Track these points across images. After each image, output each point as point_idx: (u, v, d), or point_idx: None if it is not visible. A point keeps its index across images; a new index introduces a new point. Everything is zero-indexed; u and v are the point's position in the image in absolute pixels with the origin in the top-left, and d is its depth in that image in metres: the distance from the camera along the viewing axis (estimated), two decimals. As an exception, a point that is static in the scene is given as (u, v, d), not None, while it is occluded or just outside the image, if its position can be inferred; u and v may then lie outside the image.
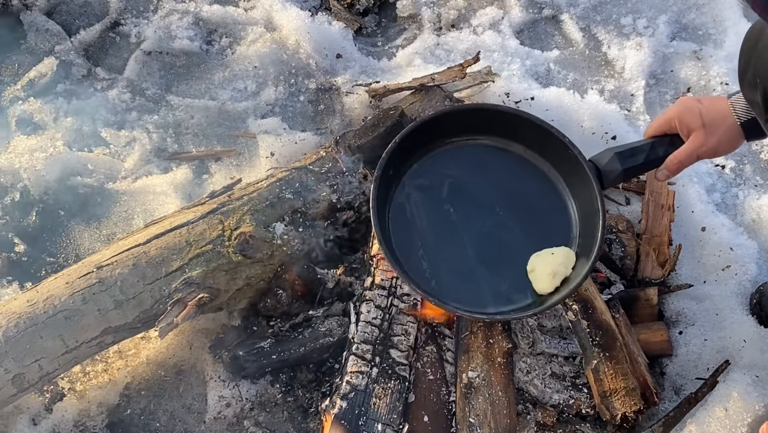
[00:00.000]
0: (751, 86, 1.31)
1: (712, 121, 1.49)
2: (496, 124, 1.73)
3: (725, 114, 1.47)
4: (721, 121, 1.48)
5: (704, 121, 1.49)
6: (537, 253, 1.64)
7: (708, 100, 1.51)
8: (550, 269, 1.60)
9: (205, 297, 1.65)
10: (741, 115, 1.46)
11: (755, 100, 1.32)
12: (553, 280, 1.59)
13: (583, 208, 1.68)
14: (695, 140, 1.51)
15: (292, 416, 1.74)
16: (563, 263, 1.61)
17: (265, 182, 1.80)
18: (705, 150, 1.51)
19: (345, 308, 1.78)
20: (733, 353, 1.78)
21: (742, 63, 1.34)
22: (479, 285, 1.64)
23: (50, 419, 1.72)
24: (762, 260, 1.95)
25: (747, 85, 1.34)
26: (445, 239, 1.67)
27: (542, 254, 1.63)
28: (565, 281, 1.60)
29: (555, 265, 1.60)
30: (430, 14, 2.40)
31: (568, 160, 1.67)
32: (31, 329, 1.58)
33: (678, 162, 1.54)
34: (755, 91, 1.31)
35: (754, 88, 1.31)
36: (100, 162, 2.10)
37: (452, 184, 1.72)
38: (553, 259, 1.61)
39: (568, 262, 1.61)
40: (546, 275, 1.60)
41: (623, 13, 2.40)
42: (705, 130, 1.49)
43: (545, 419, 1.68)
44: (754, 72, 1.30)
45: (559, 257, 1.61)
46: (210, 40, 2.34)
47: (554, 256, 1.62)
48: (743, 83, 1.35)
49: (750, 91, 1.33)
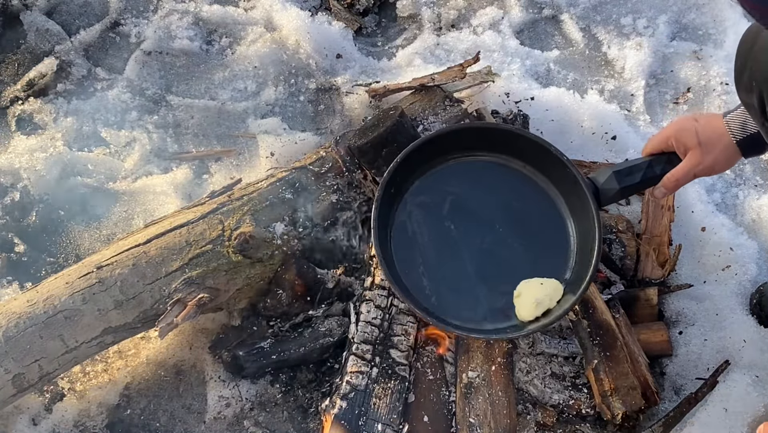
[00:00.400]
0: (747, 89, 1.31)
1: (708, 140, 1.49)
2: (496, 141, 1.75)
3: (721, 133, 1.48)
4: (717, 140, 1.49)
5: (700, 140, 1.50)
6: (527, 280, 1.65)
7: (704, 119, 1.52)
8: (536, 298, 1.61)
9: (205, 297, 1.65)
10: (736, 134, 1.47)
11: (751, 103, 1.32)
12: (536, 309, 1.60)
13: (581, 225, 1.70)
14: (692, 159, 1.52)
15: (292, 416, 1.74)
16: (549, 294, 1.61)
17: (265, 182, 1.80)
18: (701, 168, 1.52)
19: (345, 308, 1.78)
20: (733, 353, 1.78)
21: (738, 66, 1.34)
22: (478, 301, 1.66)
23: (50, 419, 1.72)
24: (762, 260, 1.95)
25: (743, 89, 1.33)
26: (445, 255, 1.69)
27: (532, 282, 1.64)
28: (547, 312, 1.61)
29: (541, 295, 1.61)
30: (430, 14, 2.40)
31: (566, 177, 1.69)
32: (31, 329, 1.58)
33: (675, 180, 1.56)
34: (751, 95, 1.31)
35: (750, 92, 1.31)
36: (100, 162, 2.10)
37: (453, 201, 1.74)
38: (541, 289, 1.62)
39: (555, 295, 1.62)
40: (530, 303, 1.61)
41: (623, 13, 2.40)
42: (701, 149, 1.50)
43: (545, 419, 1.68)
44: (750, 75, 1.30)
45: (547, 288, 1.62)
46: (210, 40, 2.34)
47: (543, 286, 1.63)
48: (739, 86, 1.35)
49: (746, 94, 1.33)
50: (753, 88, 1.29)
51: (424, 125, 1.90)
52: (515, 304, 1.63)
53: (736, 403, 1.69)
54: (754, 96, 1.30)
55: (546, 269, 1.69)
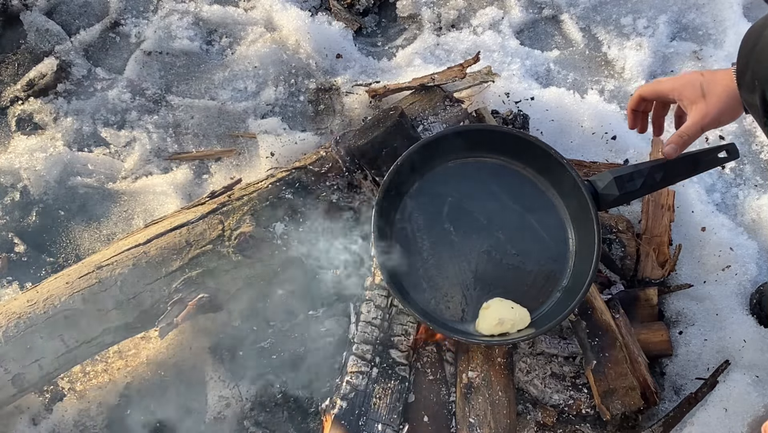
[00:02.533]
0: (750, 89, 1.31)
1: (713, 92, 1.48)
2: (496, 143, 1.76)
3: (726, 83, 1.47)
4: (722, 91, 1.47)
5: (705, 92, 1.49)
6: (501, 299, 1.65)
7: (709, 73, 1.51)
8: (500, 317, 1.61)
9: (205, 297, 1.65)
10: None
11: (754, 102, 1.32)
12: (496, 327, 1.61)
13: (581, 228, 1.70)
14: (698, 112, 1.50)
15: (292, 416, 1.74)
16: (514, 320, 1.62)
17: (265, 182, 1.80)
18: (708, 121, 1.50)
19: (345, 308, 1.78)
20: (733, 353, 1.79)
21: (740, 65, 1.34)
22: (477, 304, 1.66)
23: (50, 419, 1.72)
24: (762, 260, 1.95)
25: (745, 88, 1.33)
26: (444, 258, 1.70)
27: (504, 302, 1.65)
28: (503, 334, 1.62)
29: (507, 317, 1.62)
30: (430, 14, 2.40)
31: (566, 180, 1.70)
32: (31, 329, 1.58)
33: (685, 136, 1.53)
34: (753, 95, 1.30)
35: (752, 92, 1.30)
36: (100, 162, 2.10)
37: (453, 203, 1.74)
38: (509, 312, 1.63)
39: (519, 322, 1.62)
40: (493, 319, 1.61)
41: (623, 13, 2.40)
42: (706, 100, 1.49)
43: (545, 419, 1.69)
44: (752, 74, 1.29)
45: (515, 314, 1.63)
46: (210, 40, 2.34)
47: (512, 310, 1.63)
48: (741, 86, 1.35)
49: (748, 94, 1.33)
50: (756, 88, 1.29)
51: (424, 125, 1.90)
52: (479, 314, 1.64)
53: (736, 403, 1.69)
54: (756, 96, 1.29)
55: (544, 272, 1.69)
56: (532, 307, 1.66)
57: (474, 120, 1.96)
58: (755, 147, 2.20)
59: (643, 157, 2.07)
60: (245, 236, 1.69)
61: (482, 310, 1.64)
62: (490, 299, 1.65)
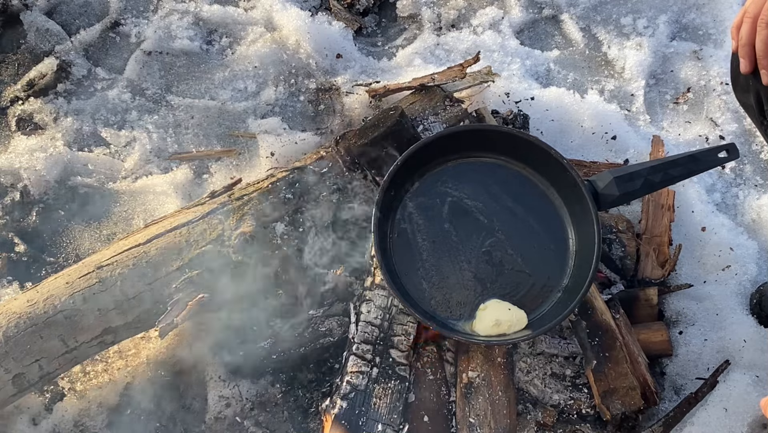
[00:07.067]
0: (744, 89, 1.31)
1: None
2: (496, 142, 1.75)
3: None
4: None
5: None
6: (499, 300, 1.65)
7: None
8: (497, 318, 1.62)
9: (205, 297, 1.65)
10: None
11: (749, 103, 1.32)
12: (492, 328, 1.61)
13: (581, 228, 1.70)
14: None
15: (292, 416, 1.74)
16: (512, 322, 1.62)
17: (265, 182, 1.80)
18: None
19: (345, 308, 1.78)
20: (733, 353, 1.79)
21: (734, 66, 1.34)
22: (476, 304, 1.66)
23: (50, 419, 1.72)
24: (762, 260, 1.95)
25: (740, 89, 1.33)
26: (444, 258, 1.69)
27: (502, 304, 1.65)
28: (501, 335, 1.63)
29: (504, 318, 1.62)
30: (430, 14, 2.40)
31: (566, 180, 1.70)
32: (32, 329, 1.58)
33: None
34: (748, 95, 1.30)
35: (747, 92, 1.31)
36: (100, 162, 2.10)
37: (453, 202, 1.74)
38: (507, 313, 1.63)
39: (516, 324, 1.62)
40: (490, 320, 1.62)
41: (623, 13, 2.40)
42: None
43: (545, 419, 1.69)
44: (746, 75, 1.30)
45: (513, 315, 1.63)
46: (210, 40, 2.34)
47: (509, 312, 1.63)
48: (736, 87, 1.35)
49: (743, 94, 1.33)
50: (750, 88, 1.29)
51: (424, 125, 1.90)
52: (477, 315, 1.64)
53: (736, 403, 1.69)
54: (751, 96, 1.30)
55: (544, 272, 1.69)
56: (532, 307, 1.66)
57: (474, 120, 1.96)
58: (755, 147, 2.20)
59: (643, 157, 2.08)
60: (245, 236, 1.69)
61: (479, 311, 1.65)
62: (488, 300, 1.66)
